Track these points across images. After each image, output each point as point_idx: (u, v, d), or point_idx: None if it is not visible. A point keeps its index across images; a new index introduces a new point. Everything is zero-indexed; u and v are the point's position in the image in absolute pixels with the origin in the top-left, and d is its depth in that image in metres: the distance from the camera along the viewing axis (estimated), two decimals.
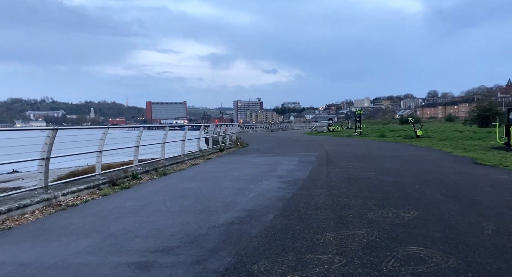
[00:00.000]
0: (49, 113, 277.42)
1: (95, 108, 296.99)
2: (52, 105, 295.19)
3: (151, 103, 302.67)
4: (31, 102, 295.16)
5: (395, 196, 6.85)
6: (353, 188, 7.70)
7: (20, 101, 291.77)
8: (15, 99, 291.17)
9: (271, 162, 12.80)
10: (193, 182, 8.91)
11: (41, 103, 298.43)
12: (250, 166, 11.85)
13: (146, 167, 10.52)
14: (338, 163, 12.04)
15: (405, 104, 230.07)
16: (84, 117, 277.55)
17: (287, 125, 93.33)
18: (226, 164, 12.79)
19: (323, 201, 6.46)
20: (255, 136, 38.05)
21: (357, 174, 9.64)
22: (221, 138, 18.94)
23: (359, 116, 37.04)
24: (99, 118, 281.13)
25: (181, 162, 12.73)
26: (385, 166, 11.23)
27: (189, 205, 6.41)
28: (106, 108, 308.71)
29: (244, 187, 8.07)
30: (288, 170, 10.60)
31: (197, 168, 11.74)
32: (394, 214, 5.55)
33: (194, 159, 13.80)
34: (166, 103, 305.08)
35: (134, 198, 7.10)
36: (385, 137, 27.83)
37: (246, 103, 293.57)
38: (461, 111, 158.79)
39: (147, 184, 8.88)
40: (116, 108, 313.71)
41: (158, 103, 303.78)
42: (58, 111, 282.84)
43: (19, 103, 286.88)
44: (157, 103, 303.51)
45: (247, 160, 13.69)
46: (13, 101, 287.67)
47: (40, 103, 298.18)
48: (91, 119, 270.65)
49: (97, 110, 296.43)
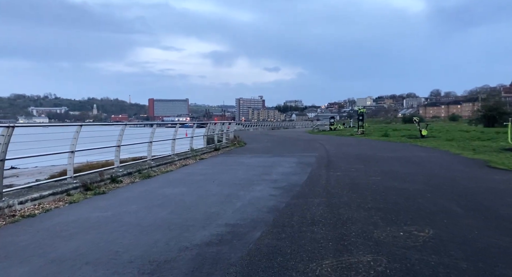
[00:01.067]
0: (52, 109, 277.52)
1: (98, 105, 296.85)
2: (55, 102, 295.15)
3: (154, 100, 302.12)
4: (34, 98, 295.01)
5: (404, 207, 5.91)
6: (355, 196, 6.76)
7: (23, 97, 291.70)
8: (18, 95, 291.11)
9: (267, 164, 11.87)
10: (177, 187, 7.99)
11: (44, 99, 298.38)
12: (244, 168, 10.93)
13: (129, 169, 9.62)
14: (339, 165, 11.11)
15: (407, 103, 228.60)
16: (87, 113, 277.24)
17: (289, 124, 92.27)
18: (219, 165, 11.87)
19: (321, 214, 5.53)
20: (255, 135, 37.11)
21: (360, 179, 8.70)
22: (216, 137, 18.01)
23: (361, 115, 35.98)
24: (102, 114, 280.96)
25: (170, 162, 11.82)
26: (390, 169, 10.28)
27: (165, 217, 5.49)
28: (109, 105, 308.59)
29: (233, 194, 7.14)
30: (284, 173, 9.67)
31: (186, 170, 10.82)
32: (405, 232, 4.62)
33: (185, 159, 12.89)
34: (168, 101, 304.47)
35: (104, 206, 6.19)
36: (389, 137, 26.83)
37: (248, 101, 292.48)
38: (464, 111, 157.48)
39: (126, 188, 7.97)
40: (119, 105, 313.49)
41: (161, 100, 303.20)
42: (61, 108, 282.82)
43: (22, 99, 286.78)
44: (159, 100, 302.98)
45: (241, 161, 12.76)
46: (17, 97, 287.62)
47: (43, 99, 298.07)
48: (94, 116, 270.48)
49: (100, 107, 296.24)
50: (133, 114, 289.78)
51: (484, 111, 41.28)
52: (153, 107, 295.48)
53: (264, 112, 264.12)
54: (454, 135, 25.19)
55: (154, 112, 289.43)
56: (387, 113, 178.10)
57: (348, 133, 34.30)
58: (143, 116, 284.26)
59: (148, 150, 11.03)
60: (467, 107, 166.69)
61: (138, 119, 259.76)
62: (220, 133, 19.80)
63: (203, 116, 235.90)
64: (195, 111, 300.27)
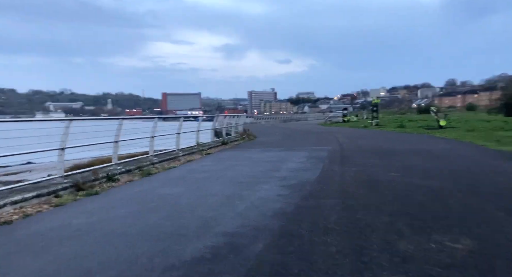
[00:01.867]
0: (68, 104, 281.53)
1: (112, 100, 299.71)
2: (71, 97, 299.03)
3: (167, 95, 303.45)
4: (51, 94, 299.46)
5: (432, 210, 5.11)
6: (374, 196, 5.98)
7: (41, 93, 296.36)
8: (36, 91, 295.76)
9: (276, 159, 11.12)
10: (177, 186, 7.32)
11: (60, 94, 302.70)
12: (251, 164, 10.20)
13: (128, 166, 8.99)
14: (354, 160, 10.28)
15: (422, 93, 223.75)
16: (102, 108, 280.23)
17: (301, 116, 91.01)
18: (225, 160, 11.17)
19: (335, 219, 4.78)
20: (266, 128, 36.35)
21: (378, 175, 7.89)
22: (224, 130, 17.30)
23: (376, 106, 34.81)
24: (116, 109, 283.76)
25: (174, 158, 11.18)
26: (410, 164, 9.42)
27: (156, 223, 4.81)
28: (123, 99, 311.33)
29: (236, 194, 6.43)
30: (294, 170, 8.90)
31: (190, 166, 10.15)
32: (437, 243, 3.83)
33: (190, 155, 12.23)
34: (181, 94, 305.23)
35: (92, 210, 5.55)
36: (405, 128, 25.72)
37: (260, 93, 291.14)
38: (481, 100, 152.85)
39: (121, 188, 7.33)
40: (133, 100, 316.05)
41: (173, 94, 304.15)
42: (76, 103, 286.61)
43: (40, 95, 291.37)
44: (172, 94, 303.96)
45: (250, 156, 12.04)
46: (34, 92, 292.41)
47: (59, 94, 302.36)
48: (109, 111, 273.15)
49: (114, 102, 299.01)
50: (146, 108, 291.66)
51: (505, 99, 39.54)
52: (166, 101, 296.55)
53: (276, 104, 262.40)
54: (474, 125, 23.94)
55: (167, 106, 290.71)
56: (401, 104, 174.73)
57: (362, 125, 33.19)
58: (156, 110, 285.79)
59: (150, 145, 10.40)
60: (485, 96, 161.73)
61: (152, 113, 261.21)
62: (229, 126, 19.11)
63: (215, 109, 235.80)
64: (208, 104, 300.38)
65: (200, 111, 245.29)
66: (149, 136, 10.31)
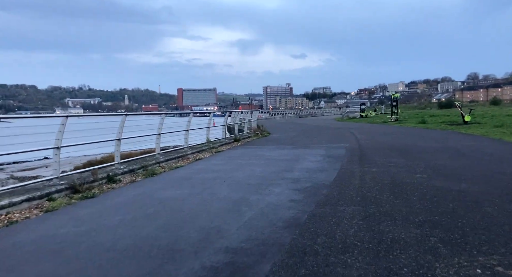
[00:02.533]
0: (86, 100, 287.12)
1: (129, 95, 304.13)
2: (89, 93, 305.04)
3: (182, 90, 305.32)
4: (70, 90, 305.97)
5: (470, 221, 4.37)
6: (400, 203, 5.26)
7: (60, 89, 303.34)
8: (55, 87, 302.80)
9: (290, 157, 10.45)
10: (181, 188, 6.75)
11: (78, 90, 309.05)
12: (263, 163, 9.56)
13: (132, 165, 8.49)
14: (374, 159, 9.52)
15: (442, 87, 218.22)
16: (119, 104, 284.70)
17: (317, 111, 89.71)
18: (236, 159, 10.56)
19: (355, 232, 4.11)
20: (281, 123, 35.63)
21: (401, 176, 7.14)
22: (237, 126, 16.69)
23: (395, 100, 33.54)
24: (133, 105, 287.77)
25: (182, 156, 10.64)
26: (437, 163, 8.61)
27: (150, 234, 4.24)
28: (140, 95, 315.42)
29: (244, 198, 5.81)
30: (309, 170, 8.23)
31: (198, 165, 9.58)
32: (485, 268, 3.12)
33: (199, 153, 11.68)
34: (196, 90, 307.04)
35: (83, 217, 5.03)
36: (426, 124, 24.57)
37: (276, 89, 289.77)
38: (505, 94, 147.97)
39: (121, 190, 6.81)
40: (149, 95, 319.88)
41: (189, 90, 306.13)
42: (94, 98, 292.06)
43: (59, 91, 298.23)
44: (188, 90, 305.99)
45: (262, 154, 11.40)
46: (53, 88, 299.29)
47: (78, 90, 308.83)
48: (125, 106, 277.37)
49: (131, 97, 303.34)
50: (163, 104, 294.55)
51: None
52: (182, 97, 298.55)
53: (292, 100, 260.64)
54: (502, 120, 22.63)
55: (183, 101, 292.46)
56: (420, 99, 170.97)
57: (380, 120, 32.09)
58: (172, 105, 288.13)
59: (157, 143, 9.88)
60: (509, 90, 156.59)
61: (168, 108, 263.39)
62: (241, 122, 18.50)
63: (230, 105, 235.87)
64: (223, 100, 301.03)
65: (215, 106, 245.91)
66: (155, 133, 9.77)
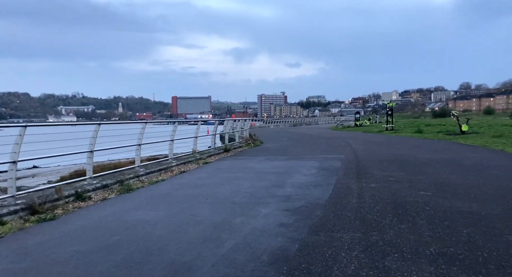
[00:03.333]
0: (80, 108, 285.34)
1: (123, 103, 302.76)
2: (82, 101, 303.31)
3: (177, 98, 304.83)
4: (63, 98, 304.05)
5: (492, 255, 3.64)
6: (406, 228, 4.52)
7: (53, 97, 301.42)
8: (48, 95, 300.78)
9: (282, 170, 9.70)
10: (156, 208, 5.96)
11: (72, 98, 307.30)
12: (253, 176, 8.80)
13: (106, 180, 7.68)
14: (373, 172, 8.80)
15: (435, 96, 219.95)
16: (113, 112, 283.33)
17: (311, 120, 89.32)
18: (223, 171, 9.78)
19: (356, 270, 3.35)
20: (275, 132, 34.95)
21: (404, 194, 6.41)
22: (227, 135, 15.93)
23: (390, 109, 32.92)
24: (127, 113, 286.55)
25: (165, 169, 9.84)
26: (441, 178, 7.90)
27: (105, 273, 3.44)
28: (134, 103, 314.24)
29: (227, 221, 5.04)
30: (301, 185, 7.48)
31: (181, 179, 8.79)
32: None
33: (185, 164, 10.89)
34: (191, 98, 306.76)
35: (31, 248, 4.22)
36: (423, 133, 24.01)
37: (270, 97, 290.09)
38: (498, 104, 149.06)
39: (88, 210, 6.00)
40: (143, 103, 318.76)
41: (184, 98, 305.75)
42: (88, 106, 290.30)
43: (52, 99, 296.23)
44: (182, 98, 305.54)
45: (252, 166, 10.64)
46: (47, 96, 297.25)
47: (71, 98, 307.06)
48: (119, 114, 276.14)
49: (125, 105, 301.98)
50: (157, 112, 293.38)
51: None
52: (176, 105, 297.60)
53: (286, 108, 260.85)
54: (500, 130, 22.13)
55: (177, 109, 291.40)
56: (414, 108, 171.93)
57: (375, 130, 31.52)
58: (166, 113, 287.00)
59: (137, 154, 9.08)
60: (501, 99, 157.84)
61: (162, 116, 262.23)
62: (232, 131, 17.76)
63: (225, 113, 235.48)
64: (218, 108, 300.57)
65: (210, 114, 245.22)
66: (135, 144, 8.99)
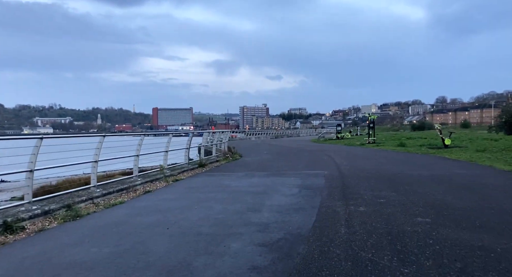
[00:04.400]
0: (57, 119, 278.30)
1: (102, 115, 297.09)
2: (59, 112, 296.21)
3: (158, 109, 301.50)
4: (39, 109, 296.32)
5: None
6: (410, 274, 3.57)
7: (28, 108, 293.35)
8: (23, 106, 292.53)
9: (260, 189, 8.69)
10: (99, 244, 4.82)
11: (49, 109, 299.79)
12: (227, 197, 7.75)
13: (52, 203, 6.48)
14: (360, 192, 7.90)
15: (413, 110, 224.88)
16: (91, 123, 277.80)
17: (293, 132, 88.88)
18: (194, 191, 8.69)
19: None
20: (256, 145, 33.96)
21: (399, 221, 5.49)
22: (203, 149, 14.83)
23: (372, 122, 32.48)
24: (106, 124, 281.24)
25: (128, 188, 8.66)
26: (436, 199, 7.06)
27: None
28: (113, 114, 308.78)
29: (184, 264, 3.97)
30: (281, 209, 6.47)
31: (143, 201, 7.64)
32: None
33: (152, 182, 9.73)
34: (172, 109, 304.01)
35: None
36: (406, 147, 23.51)
37: (252, 109, 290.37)
38: (473, 117, 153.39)
39: (12, 248, 4.79)
40: (123, 115, 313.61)
41: (165, 109, 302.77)
42: (65, 118, 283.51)
43: (27, 110, 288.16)
44: (163, 109, 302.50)
45: (227, 184, 9.58)
46: (21, 107, 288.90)
47: (48, 109, 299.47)
48: (98, 126, 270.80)
49: (104, 117, 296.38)
50: (137, 123, 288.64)
51: (506, 117, 37.79)
52: (157, 116, 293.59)
53: (268, 120, 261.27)
54: (483, 145, 21.82)
55: (158, 121, 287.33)
56: (392, 120, 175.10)
57: (357, 142, 30.97)
58: (147, 125, 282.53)
59: (93, 172, 7.90)
60: (475, 113, 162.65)
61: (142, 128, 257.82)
62: (211, 144, 16.67)
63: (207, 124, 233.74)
64: (199, 119, 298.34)
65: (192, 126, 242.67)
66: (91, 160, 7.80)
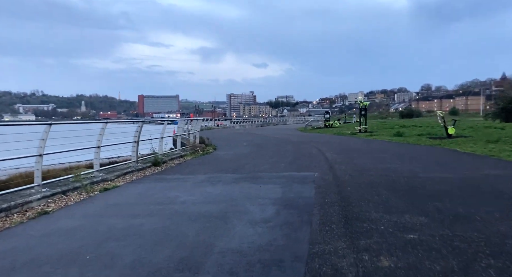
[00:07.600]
0: (39, 106, 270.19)
1: (86, 102, 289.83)
2: (42, 99, 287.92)
3: (143, 97, 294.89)
4: (21, 96, 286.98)
5: None
6: None
7: (10, 94, 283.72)
8: (4, 92, 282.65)
9: (217, 208, 5.75)
10: None
11: (31, 96, 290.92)
12: (156, 229, 4.81)
13: None
14: (371, 217, 5.06)
15: (399, 97, 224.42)
16: (75, 110, 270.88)
17: (280, 119, 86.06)
18: (112, 214, 5.68)
19: None
20: (237, 134, 30.97)
21: None
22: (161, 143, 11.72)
23: (364, 109, 29.69)
24: (90, 111, 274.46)
25: (16, 207, 5.63)
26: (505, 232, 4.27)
27: None
28: (98, 101, 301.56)
29: None
30: (239, 262, 3.58)
31: (16, 237, 4.66)
32: None
33: (66, 194, 6.69)
34: (159, 97, 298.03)
35: None
36: (404, 137, 20.81)
37: (240, 96, 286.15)
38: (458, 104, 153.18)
39: None
40: (108, 102, 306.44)
41: (151, 96, 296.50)
42: (48, 105, 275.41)
43: (8, 96, 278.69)
44: (149, 96, 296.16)
45: (174, 197, 6.61)
46: (2, 94, 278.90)
47: (30, 96, 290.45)
48: (82, 113, 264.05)
49: (89, 104, 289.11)
50: (122, 111, 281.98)
51: (503, 103, 35.60)
52: (143, 104, 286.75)
53: (256, 107, 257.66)
54: (490, 134, 19.31)
55: (144, 108, 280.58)
56: (379, 108, 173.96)
57: (348, 132, 28.20)
58: (133, 112, 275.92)
59: None
60: (461, 101, 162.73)
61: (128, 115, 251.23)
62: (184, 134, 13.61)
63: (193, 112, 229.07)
64: (186, 107, 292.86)
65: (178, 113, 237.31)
66: None
